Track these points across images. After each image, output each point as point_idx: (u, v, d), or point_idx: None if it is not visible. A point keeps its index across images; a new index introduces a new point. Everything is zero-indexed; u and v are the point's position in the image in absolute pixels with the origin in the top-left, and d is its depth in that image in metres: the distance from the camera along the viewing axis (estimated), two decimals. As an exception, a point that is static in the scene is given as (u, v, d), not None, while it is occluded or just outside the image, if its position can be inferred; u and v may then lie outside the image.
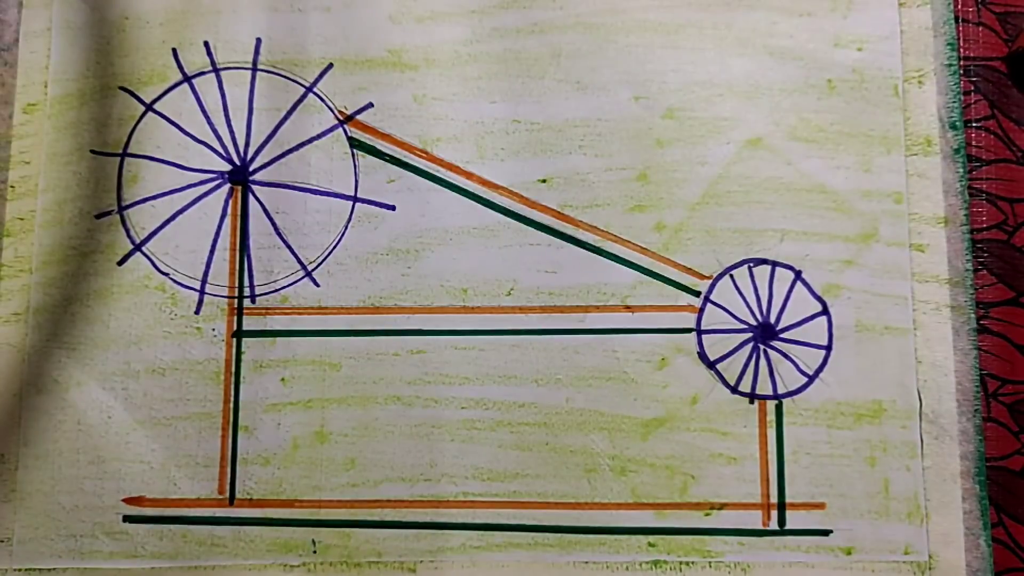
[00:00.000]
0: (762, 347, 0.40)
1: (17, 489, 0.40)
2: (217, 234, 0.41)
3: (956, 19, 0.42)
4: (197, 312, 0.40)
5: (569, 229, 0.41)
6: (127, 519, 0.40)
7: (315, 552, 0.39)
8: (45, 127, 0.41)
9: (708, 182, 0.40)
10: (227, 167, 0.41)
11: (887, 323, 0.40)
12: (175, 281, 0.41)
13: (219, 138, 0.41)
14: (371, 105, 0.41)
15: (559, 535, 0.39)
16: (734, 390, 0.40)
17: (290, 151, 0.41)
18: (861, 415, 0.39)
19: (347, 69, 0.41)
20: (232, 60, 0.42)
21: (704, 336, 0.40)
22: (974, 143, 0.41)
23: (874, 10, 0.41)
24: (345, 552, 0.39)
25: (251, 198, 0.41)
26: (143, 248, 0.41)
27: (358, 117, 0.41)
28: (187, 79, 0.42)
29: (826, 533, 0.39)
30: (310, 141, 0.41)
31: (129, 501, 0.40)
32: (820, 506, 0.39)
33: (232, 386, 0.40)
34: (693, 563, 0.39)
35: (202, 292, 0.41)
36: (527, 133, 0.41)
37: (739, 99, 0.41)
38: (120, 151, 0.41)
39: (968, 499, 0.39)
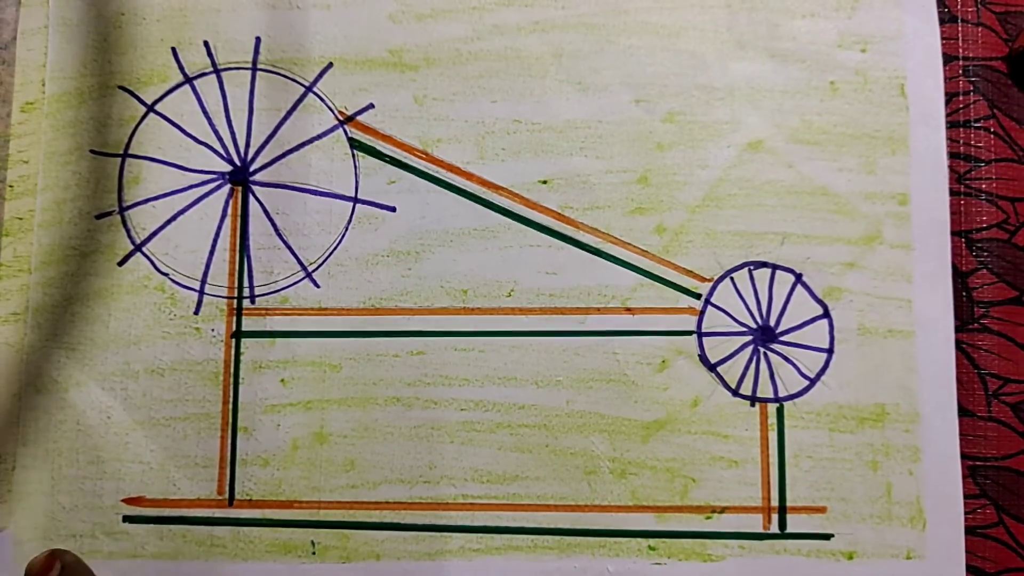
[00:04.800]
0: (762, 350, 0.39)
1: (16, 489, 0.40)
2: (217, 234, 0.41)
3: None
4: (196, 312, 0.40)
5: (570, 231, 0.40)
6: (127, 519, 0.39)
7: (314, 553, 0.39)
8: (43, 126, 0.41)
9: (709, 185, 0.40)
10: (228, 168, 0.41)
11: (890, 326, 0.40)
12: (175, 281, 0.40)
13: (220, 139, 0.41)
14: (372, 106, 0.41)
15: (559, 538, 0.39)
16: (735, 393, 0.39)
17: (290, 151, 0.41)
18: (863, 419, 0.39)
19: (347, 69, 0.41)
20: (232, 60, 0.41)
21: (704, 339, 0.40)
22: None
23: (879, 10, 0.41)
24: (344, 553, 0.39)
25: (251, 198, 0.41)
26: (143, 248, 0.41)
27: (358, 118, 0.41)
28: (188, 80, 0.41)
29: (827, 537, 0.39)
30: (310, 141, 0.41)
31: (129, 501, 0.40)
32: (821, 510, 0.39)
33: (231, 387, 0.40)
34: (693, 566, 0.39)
35: (201, 292, 0.40)
36: (528, 134, 0.41)
37: (740, 102, 0.41)
38: (121, 151, 0.41)
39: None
